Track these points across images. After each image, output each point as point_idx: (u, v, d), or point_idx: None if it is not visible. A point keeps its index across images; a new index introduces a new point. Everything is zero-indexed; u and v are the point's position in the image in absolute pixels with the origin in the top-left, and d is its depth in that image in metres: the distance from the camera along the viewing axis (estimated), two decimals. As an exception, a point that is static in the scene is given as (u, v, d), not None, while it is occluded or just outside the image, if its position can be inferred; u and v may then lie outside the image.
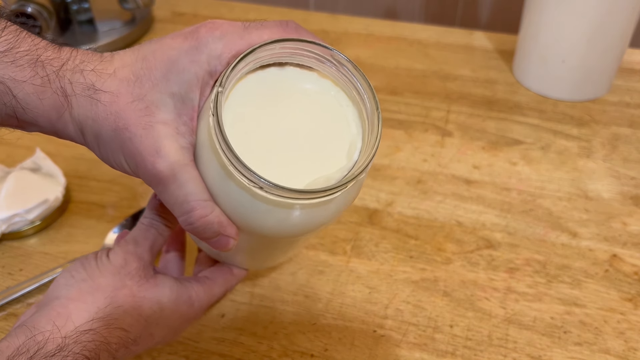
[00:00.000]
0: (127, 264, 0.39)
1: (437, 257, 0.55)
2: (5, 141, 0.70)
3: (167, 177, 0.33)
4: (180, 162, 0.33)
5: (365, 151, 0.36)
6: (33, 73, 0.33)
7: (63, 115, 0.34)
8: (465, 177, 0.64)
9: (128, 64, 0.34)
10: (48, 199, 0.57)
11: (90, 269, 0.38)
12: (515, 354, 0.47)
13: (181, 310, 0.41)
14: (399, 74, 0.81)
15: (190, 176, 0.34)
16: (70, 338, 0.34)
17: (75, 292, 0.37)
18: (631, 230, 0.57)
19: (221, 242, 0.36)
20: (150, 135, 0.33)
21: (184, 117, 0.34)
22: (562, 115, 0.73)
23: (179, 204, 0.34)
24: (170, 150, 0.33)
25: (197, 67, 0.34)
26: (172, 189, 0.34)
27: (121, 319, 0.37)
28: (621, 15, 0.68)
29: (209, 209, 0.34)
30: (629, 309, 0.50)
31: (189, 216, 0.34)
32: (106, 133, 0.34)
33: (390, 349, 0.48)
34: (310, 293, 0.52)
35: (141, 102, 0.33)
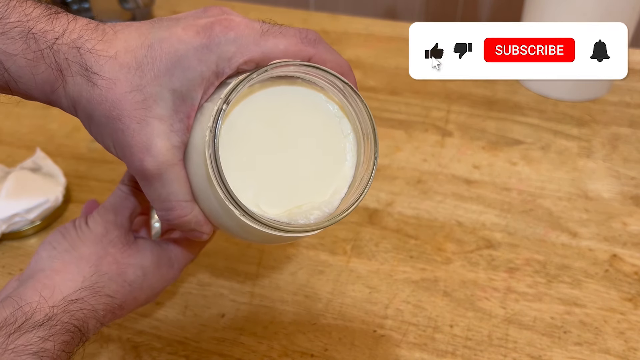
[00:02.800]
0: (107, 232, 0.40)
1: (437, 257, 0.55)
2: (6, 141, 0.70)
3: (153, 176, 0.33)
4: (169, 162, 0.33)
5: (353, 192, 0.36)
6: (25, 46, 0.31)
7: (57, 89, 0.33)
8: (466, 177, 0.64)
9: (132, 48, 0.32)
10: (48, 198, 0.57)
11: (71, 238, 0.39)
12: (515, 354, 0.47)
13: (162, 272, 0.42)
14: (399, 73, 0.81)
15: (175, 176, 0.34)
16: (59, 307, 0.35)
17: (59, 263, 0.38)
18: (631, 230, 0.57)
19: (195, 235, 0.37)
20: (144, 131, 0.32)
21: (180, 114, 0.33)
22: (562, 115, 0.73)
23: (160, 201, 0.34)
24: (161, 149, 0.33)
25: (204, 66, 0.32)
26: (155, 187, 0.34)
27: (107, 286, 0.38)
28: (621, 15, 0.68)
29: (188, 210, 0.35)
30: (629, 309, 0.50)
31: (167, 213, 0.35)
32: (99, 118, 0.33)
33: (390, 348, 0.48)
34: (311, 293, 0.52)
35: (139, 94, 0.32)
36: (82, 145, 0.69)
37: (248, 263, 0.55)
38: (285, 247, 0.56)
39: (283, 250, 0.56)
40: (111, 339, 0.49)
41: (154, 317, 0.51)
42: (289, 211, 0.35)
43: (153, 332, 0.49)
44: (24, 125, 0.72)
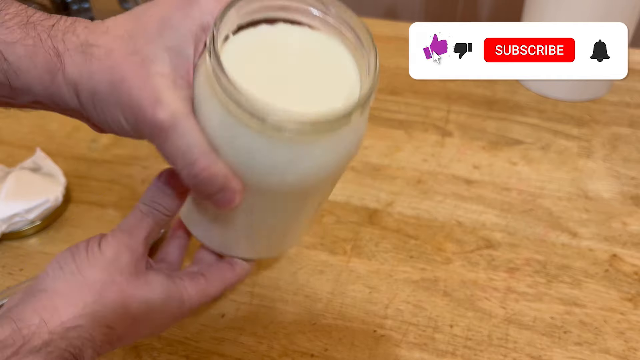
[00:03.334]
0: (118, 257, 0.37)
1: (437, 257, 0.55)
2: (6, 141, 0.70)
3: (169, 127, 0.32)
4: (181, 111, 0.32)
5: (366, 82, 0.36)
6: (24, 34, 0.32)
7: (56, 76, 0.33)
8: (465, 177, 0.64)
9: (120, 23, 0.34)
10: (48, 198, 0.57)
11: (79, 260, 0.37)
12: (515, 354, 0.47)
13: (170, 309, 0.40)
14: (399, 74, 0.81)
15: (191, 126, 0.32)
16: (56, 333, 0.33)
17: (63, 285, 0.36)
18: (631, 230, 0.57)
19: (226, 197, 0.34)
20: (149, 85, 0.32)
21: (180, 70, 0.33)
22: (562, 115, 0.73)
23: (182, 154, 0.33)
24: (171, 99, 0.32)
25: (190, 22, 0.33)
26: (174, 139, 0.32)
27: (108, 316, 0.37)
28: (621, 15, 0.68)
29: (212, 160, 0.33)
30: (629, 309, 0.50)
31: (192, 167, 0.33)
32: (102, 88, 0.33)
33: (391, 348, 0.48)
34: (311, 293, 0.52)
35: (137, 56, 0.33)
36: (82, 145, 0.69)
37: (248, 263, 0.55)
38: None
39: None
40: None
41: (154, 317, 0.51)
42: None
43: (153, 332, 0.49)
44: (24, 125, 0.72)
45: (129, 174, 0.65)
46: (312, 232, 0.57)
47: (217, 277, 0.43)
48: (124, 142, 0.68)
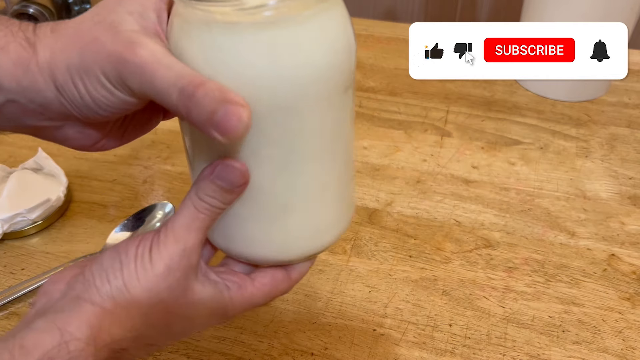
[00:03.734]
0: (169, 273, 0.34)
1: (436, 256, 0.55)
2: (8, 141, 0.70)
3: (153, 63, 0.30)
4: (161, 51, 0.31)
5: None
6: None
7: (29, 68, 0.32)
8: (464, 177, 0.64)
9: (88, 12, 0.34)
10: (50, 198, 0.58)
11: (128, 275, 0.33)
12: (513, 353, 0.47)
13: (210, 322, 0.37)
14: (399, 74, 0.81)
15: (175, 60, 0.31)
16: (102, 354, 0.32)
17: (111, 303, 0.33)
18: (629, 229, 0.58)
19: (230, 113, 0.29)
20: (122, 36, 0.31)
21: (148, 29, 0.32)
22: (560, 116, 0.73)
23: (173, 83, 0.30)
24: (147, 41, 0.31)
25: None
26: (161, 72, 0.30)
27: (151, 336, 0.35)
28: (620, 15, 0.68)
29: (204, 79, 0.30)
30: (627, 308, 0.51)
31: (187, 89, 0.30)
32: (76, 56, 0.32)
33: (390, 347, 0.48)
34: (311, 292, 0.52)
35: (103, 23, 0.32)
36: (83, 145, 0.69)
37: (248, 262, 0.55)
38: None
39: (283, 250, 0.56)
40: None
41: (155, 316, 0.51)
42: None
43: (154, 331, 0.50)
44: (25, 126, 0.72)
45: (130, 174, 0.65)
46: (312, 231, 0.58)
47: (267, 285, 0.38)
48: (124, 142, 0.68)
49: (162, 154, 0.67)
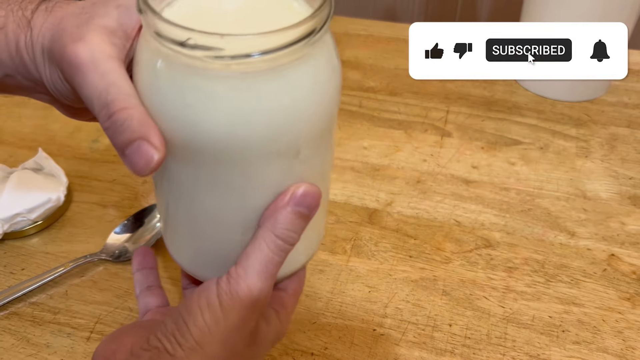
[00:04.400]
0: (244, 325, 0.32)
1: (436, 256, 0.55)
2: (8, 141, 0.70)
3: (87, 64, 0.29)
4: (104, 53, 0.30)
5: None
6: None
7: (19, 44, 0.33)
8: (464, 177, 0.64)
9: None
10: (50, 198, 0.58)
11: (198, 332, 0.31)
12: (513, 353, 0.47)
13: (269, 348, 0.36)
14: (399, 74, 0.81)
15: (113, 68, 0.30)
16: None
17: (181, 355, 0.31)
18: (629, 229, 0.58)
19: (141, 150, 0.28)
20: (80, 30, 0.31)
21: (125, 26, 0.32)
22: (560, 116, 0.73)
23: (98, 95, 0.29)
24: (95, 39, 0.30)
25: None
26: (91, 78, 0.29)
27: None
28: (620, 15, 0.68)
29: (131, 103, 0.29)
30: (627, 308, 0.51)
31: (108, 108, 0.28)
32: (48, 41, 0.32)
33: (390, 347, 0.48)
34: (310, 292, 0.52)
35: (86, 15, 0.32)
36: (84, 145, 0.69)
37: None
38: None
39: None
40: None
41: (155, 316, 0.51)
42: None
43: (154, 331, 0.50)
44: (26, 126, 0.72)
45: (130, 174, 0.65)
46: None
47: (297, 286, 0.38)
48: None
49: (162, 154, 0.67)
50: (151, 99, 0.29)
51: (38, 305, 0.51)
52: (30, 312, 0.51)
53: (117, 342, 0.33)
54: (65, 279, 0.53)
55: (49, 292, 0.52)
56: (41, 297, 0.52)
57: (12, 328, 0.49)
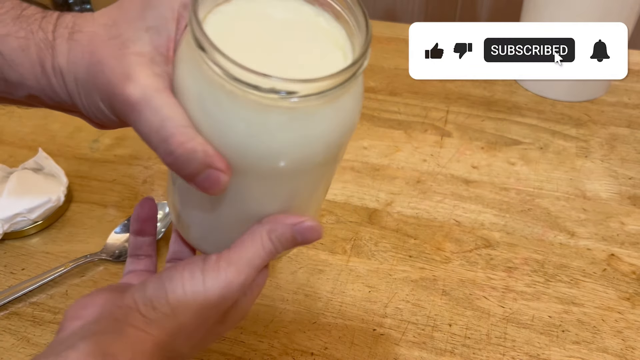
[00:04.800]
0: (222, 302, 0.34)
1: (436, 256, 0.55)
2: (8, 141, 0.70)
3: (139, 102, 0.30)
4: (153, 87, 0.31)
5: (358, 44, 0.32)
6: (17, 27, 0.32)
7: (46, 68, 0.33)
8: (464, 177, 0.64)
9: (106, 12, 0.34)
10: (50, 198, 0.58)
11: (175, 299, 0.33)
12: (513, 353, 0.47)
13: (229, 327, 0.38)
14: (399, 74, 0.81)
15: (165, 101, 0.31)
16: None
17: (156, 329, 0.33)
18: (629, 229, 0.58)
19: (211, 178, 0.31)
20: (122, 64, 0.31)
21: (160, 48, 0.32)
22: (560, 116, 0.73)
23: (155, 130, 0.30)
24: (142, 75, 0.31)
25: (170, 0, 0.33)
26: (146, 116, 0.30)
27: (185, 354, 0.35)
28: (620, 15, 0.68)
29: (189, 135, 0.30)
30: (626, 308, 0.51)
31: (168, 144, 0.30)
32: (82, 73, 0.32)
33: (390, 347, 0.48)
34: (311, 292, 0.52)
35: (117, 40, 0.32)
36: (84, 145, 0.69)
37: (248, 262, 0.55)
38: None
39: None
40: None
41: (155, 315, 0.51)
42: None
43: (154, 331, 0.50)
44: (26, 126, 0.72)
45: (130, 174, 0.65)
46: (312, 231, 0.58)
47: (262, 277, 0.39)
48: (125, 143, 0.69)
49: (162, 154, 0.67)
50: (211, 129, 0.31)
51: (38, 305, 0.51)
52: (30, 312, 0.51)
53: (89, 299, 0.35)
54: (65, 279, 0.53)
55: (49, 292, 0.52)
56: (41, 297, 0.52)
57: (12, 328, 0.49)
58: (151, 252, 0.44)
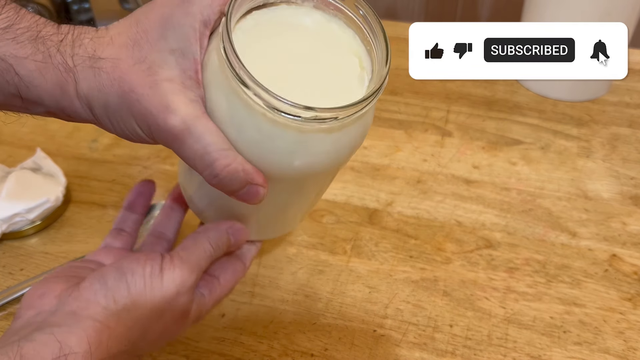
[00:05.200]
0: (177, 297, 0.37)
1: (436, 256, 0.55)
2: (7, 141, 0.70)
3: (182, 132, 0.32)
4: (192, 115, 0.32)
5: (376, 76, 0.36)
6: (34, 49, 0.32)
7: (67, 91, 0.33)
8: (465, 177, 0.64)
9: (123, 30, 0.34)
10: (49, 198, 0.57)
11: (136, 293, 0.35)
12: (515, 354, 0.47)
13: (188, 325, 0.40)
14: (399, 74, 0.81)
15: (205, 128, 0.33)
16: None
17: (114, 322, 0.34)
18: (630, 230, 0.57)
19: (251, 192, 0.35)
20: (157, 93, 0.32)
21: (188, 71, 0.33)
22: (561, 115, 0.73)
23: (200, 157, 0.33)
24: (180, 104, 0.32)
25: (191, 19, 0.33)
26: (189, 143, 0.33)
27: (142, 348, 0.37)
28: (621, 15, 0.68)
29: (231, 158, 0.33)
30: (628, 309, 0.51)
31: (212, 168, 0.33)
32: (113, 101, 0.33)
33: (390, 348, 0.48)
34: (311, 293, 0.52)
35: (143, 64, 0.33)
36: (83, 145, 0.69)
37: (248, 263, 0.55)
38: (285, 247, 0.56)
39: (283, 250, 0.56)
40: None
41: (154, 316, 0.51)
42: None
43: (153, 332, 0.49)
44: (25, 125, 0.72)
45: (129, 174, 0.65)
46: (312, 232, 0.57)
47: (230, 278, 0.43)
48: (124, 142, 0.68)
49: (161, 154, 0.67)
50: (250, 149, 0.34)
51: (37, 306, 0.51)
52: (28, 312, 0.50)
53: (46, 286, 0.36)
54: (64, 280, 0.53)
55: (47, 293, 0.52)
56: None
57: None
58: (133, 231, 0.46)
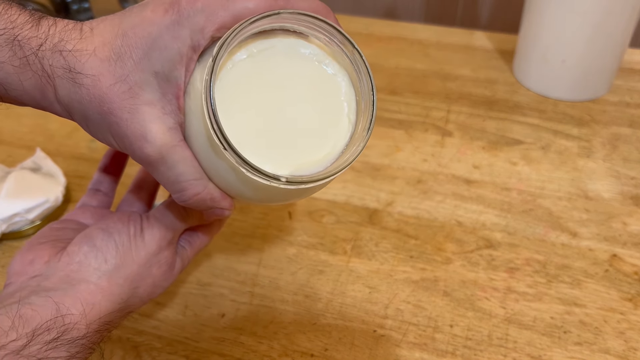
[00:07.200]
0: (160, 251, 0.40)
1: (437, 257, 0.55)
2: (6, 141, 0.70)
3: (156, 161, 0.33)
4: (169, 144, 0.33)
5: (354, 142, 0.35)
6: (11, 53, 0.31)
7: (47, 95, 0.33)
8: (466, 177, 0.64)
9: (108, 41, 0.32)
10: (48, 198, 0.57)
11: (123, 252, 0.39)
12: (515, 354, 0.47)
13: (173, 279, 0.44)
14: (399, 73, 0.81)
15: (179, 157, 0.34)
16: (92, 328, 0.35)
17: (106, 281, 0.37)
18: (631, 230, 0.57)
19: (216, 213, 0.38)
20: (136, 119, 0.32)
21: (169, 95, 0.33)
22: (562, 115, 0.73)
23: (171, 183, 0.35)
24: (157, 133, 0.33)
25: (179, 43, 0.32)
26: (162, 171, 0.34)
27: (134, 304, 0.40)
28: (621, 15, 0.68)
29: (200, 187, 0.35)
30: (629, 309, 0.50)
31: (181, 195, 0.35)
32: (93, 116, 0.33)
33: (391, 348, 0.48)
34: (311, 293, 0.52)
35: (124, 84, 0.32)
36: (82, 145, 0.69)
37: (248, 263, 0.55)
38: (285, 247, 0.56)
39: (283, 250, 0.56)
40: (111, 339, 0.49)
41: (154, 317, 0.51)
42: (295, 169, 0.35)
43: (153, 332, 0.49)
44: (24, 125, 0.72)
45: (129, 174, 0.65)
46: (312, 232, 0.57)
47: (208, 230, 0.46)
48: (124, 142, 0.68)
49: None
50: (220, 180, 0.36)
51: (36, 306, 0.51)
52: (28, 313, 0.50)
53: (33, 252, 0.38)
54: (63, 280, 0.53)
55: (47, 293, 0.52)
56: (39, 297, 0.52)
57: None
58: (110, 191, 0.48)
